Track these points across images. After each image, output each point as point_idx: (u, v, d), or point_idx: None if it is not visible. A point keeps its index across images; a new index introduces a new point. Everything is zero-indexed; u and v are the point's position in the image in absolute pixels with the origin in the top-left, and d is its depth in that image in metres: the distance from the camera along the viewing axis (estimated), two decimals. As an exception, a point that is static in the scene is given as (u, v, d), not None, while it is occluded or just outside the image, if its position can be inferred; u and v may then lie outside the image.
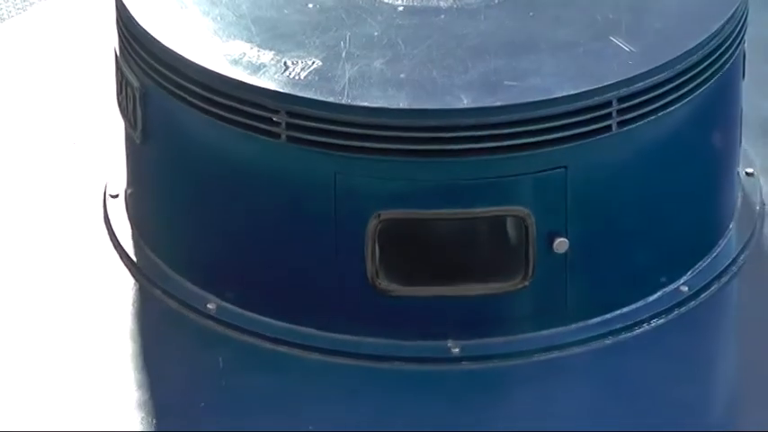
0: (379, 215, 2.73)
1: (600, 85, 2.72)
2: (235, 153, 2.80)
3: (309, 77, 2.73)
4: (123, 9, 2.87)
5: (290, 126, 2.72)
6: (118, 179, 3.04)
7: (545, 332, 2.83)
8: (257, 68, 2.75)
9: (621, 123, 2.73)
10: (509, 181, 2.75)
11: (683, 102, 2.79)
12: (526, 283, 2.78)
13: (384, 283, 2.77)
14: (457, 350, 2.79)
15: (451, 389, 2.80)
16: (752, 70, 2.93)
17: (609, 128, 2.73)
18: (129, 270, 2.97)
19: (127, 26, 2.87)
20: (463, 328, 2.81)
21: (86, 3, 3.32)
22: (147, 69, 2.84)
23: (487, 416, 2.77)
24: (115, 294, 2.95)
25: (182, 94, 2.80)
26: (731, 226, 2.97)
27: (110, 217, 3.03)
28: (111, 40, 2.93)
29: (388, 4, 2.86)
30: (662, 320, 2.86)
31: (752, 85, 2.95)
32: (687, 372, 2.88)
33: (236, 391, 2.81)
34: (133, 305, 2.95)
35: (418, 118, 2.72)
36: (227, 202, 2.87)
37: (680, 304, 2.87)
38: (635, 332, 2.84)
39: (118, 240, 3.00)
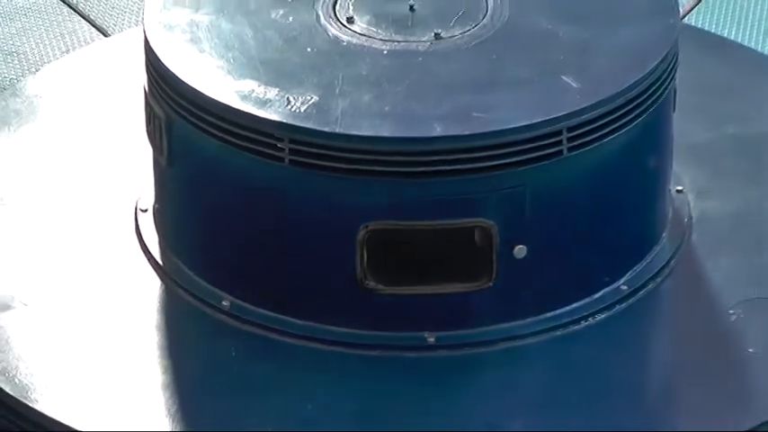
0: (366, 226, 2.73)
1: (552, 117, 2.71)
2: (245, 174, 2.80)
3: (308, 110, 2.72)
4: (151, 52, 2.86)
5: (292, 151, 2.71)
6: (147, 196, 3.03)
7: (506, 324, 2.82)
8: (264, 103, 2.74)
9: (571, 149, 2.72)
10: (476, 197, 2.74)
11: (624, 130, 2.78)
12: (491, 284, 2.77)
13: (371, 284, 2.77)
14: (432, 339, 2.79)
15: (428, 372, 2.79)
16: (681, 100, 2.92)
17: (560, 152, 2.72)
18: (156, 272, 2.96)
19: (154, 67, 2.86)
20: (438, 321, 2.81)
21: (120, 48, 3.31)
22: (171, 104, 2.83)
23: (458, 394, 2.76)
24: (144, 293, 2.95)
25: (201, 124, 2.79)
26: (664, 235, 2.95)
27: (140, 228, 3.02)
28: (140, 79, 2.92)
29: (374, 48, 2.85)
30: (605, 315, 2.85)
31: (681, 114, 2.94)
32: (627, 358, 2.88)
33: (246, 376, 2.81)
34: (159, 302, 2.95)
35: (399, 144, 2.72)
36: (239, 215, 2.86)
37: (620, 300, 2.87)
38: (582, 325, 2.84)
39: (147, 247, 2.99)
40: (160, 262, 2.97)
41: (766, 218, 3.06)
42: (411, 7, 2.92)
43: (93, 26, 3.57)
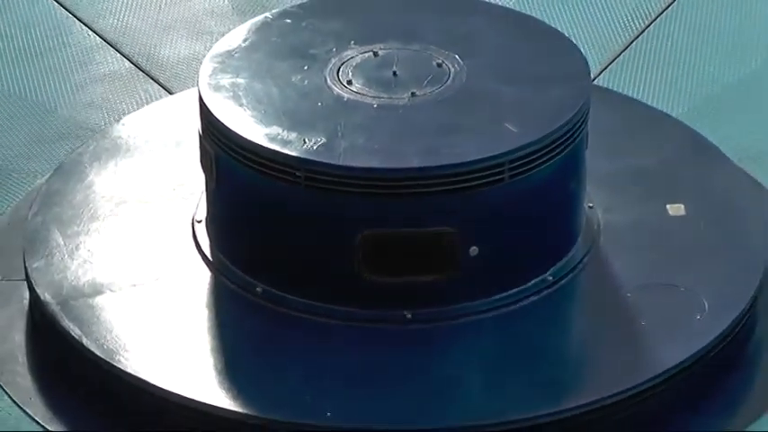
0: (363, 233, 2.73)
1: (497, 153, 2.72)
2: (272, 194, 2.79)
3: (319, 148, 2.72)
4: (204, 105, 2.86)
5: (306, 178, 2.71)
6: (201, 210, 3.01)
7: (464, 304, 2.81)
8: (286, 143, 2.74)
9: (511, 176, 2.72)
10: (443, 212, 2.74)
11: (550, 162, 2.77)
12: (453, 274, 2.77)
13: (366, 275, 2.77)
14: (409, 315, 2.79)
15: (406, 339, 2.80)
16: (592, 140, 2.90)
17: (503, 179, 2.72)
18: (207, 266, 2.94)
19: (206, 116, 2.86)
20: (414, 301, 2.81)
21: (182, 102, 3.29)
22: (218, 143, 2.83)
23: (427, 355, 2.77)
24: (199, 281, 2.93)
25: (240, 158, 2.78)
26: (579, 239, 2.93)
27: (196, 234, 3.00)
28: (196, 125, 2.92)
29: (367, 102, 2.83)
30: (535, 297, 2.84)
31: (592, 151, 2.92)
32: (551, 328, 2.87)
33: (272, 342, 2.81)
34: (210, 288, 2.93)
35: (386, 173, 2.72)
36: (267, 224, 2.85)
37: (547, 287, 2.86)
38: (518, 305, 2.83)
39: (200, 247, 2.97)
40: (210, 258, 2.94)
41: (654, 227, 3.02)
42: (394, 73, 2.90)
43: (161, 86, 3.57)
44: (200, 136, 2.91)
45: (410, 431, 2.66)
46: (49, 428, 2.75)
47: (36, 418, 2.77)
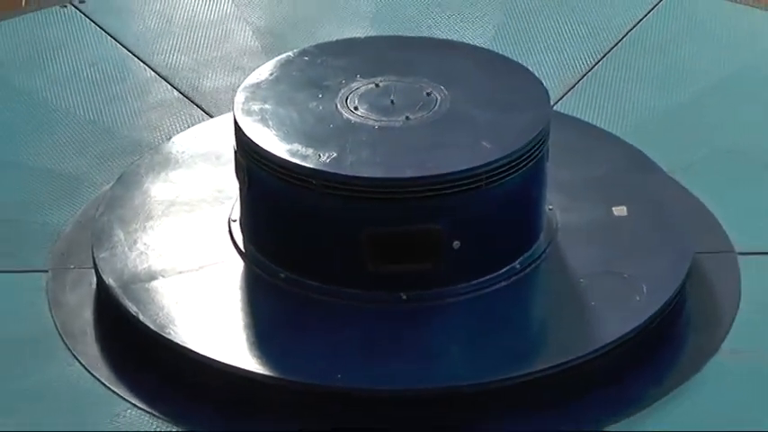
0: (367, 230, 2.74)
1: (476, 165, 2.72)
2: (293, 198, 2.79)
3: (331, 162, 2.73)
4: (238, 126, 2.85)
5: (321, 186, 2.71)
6: (236, 211, 3.00)
7: (449, 288, 2.81)
8: (304, 157, 2.74)
9: (487, 184, 2.72)
10: (432, 213, 2.73)
11: (518, 173, 2.77)
12: (440, 263, 2.77)
13: (369, 264, 2.76)
14: (405, 297, 2.79)
15: (402, 316, 2.79)
16: (553, 155, 2.89)
17: (480, 186, 2.72)
18: (241, 257, 2.93)
19: (239, 135, 2.85)
20: (409, 285, 2.80)
21: (220, 124, 3.26)
22: (249, 156, 2.83)
23: (420, 329, 2.78)
24: (234, 269, 2.92)
25: (266, 168, 2.78)
26: (541, 235, 2.92)
27: (231, 230, 2.98)
28: (231, 142, 2.91)
29: (370, 125, 2.83)
30: (506, 282, 2.83)
31: (553, 163, 2.91)
32: (518, 306, 2.87)
33: (294, 319, 2.82)
34: (243, 275, 2.91)
35: (386, 182, 2.72)
36: (288, 222, 2.85)
37: (515, 273, 2.85)
38: (493, 288, 2.82)
39: (235, 242, 2.96)
40: (243, 250, 2.93)
41: (602, 225, 3.00)
42: (392, 101, 2.89)
43: (204, 111, 3.56)
44: (234, 151, 2.91)
45: (406, 391, 2.65)
46: (112, 388, 2.74)
47: (102, 380, 2.77)
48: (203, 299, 2.86)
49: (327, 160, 2.75)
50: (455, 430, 2.65)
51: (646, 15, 3.85)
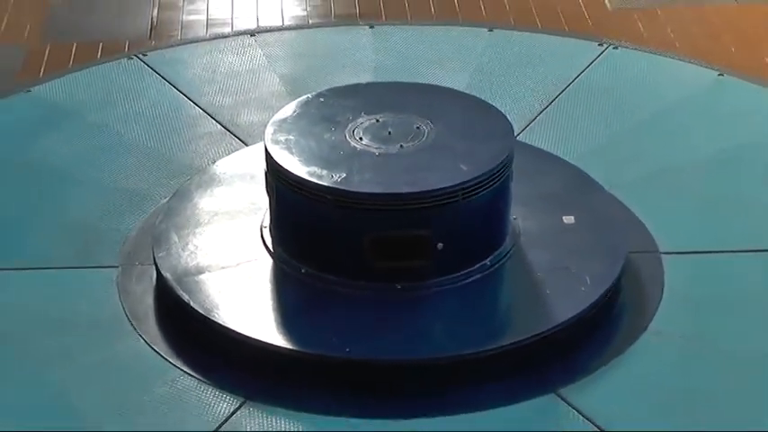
0: (370, 235, 2.73)
1: (455, 183, 2.72)
2: (311, 210, 2.78)
3: (341, 181, 2.73)
4: (267, 152, 2.84)
5: (334, 200, 2.71)
6: (266, 219, 2.98)
7: (434, 280, 2.79)
8: (321, 177, 2.74)
9: (464, 198, 2.72)
10: (421, 221, 2.73)
11: (488, 189, 2.76)
12: (427, 261, 2.76)
13: (372, 261, 2.75)
14: (400, 287, 2.78)
15: (396, 304, 2.77)
16: (516, 175, 2.88)
17: (458, 201, 2.72)
18: (270, 256, 2.91)
19: (269, 159, 2.84)
20: (403, 278, 2.79)
21: (255, 151, 3.20)
22: (276, 176, 2.82)
23: (410, 313, 2.76)
24: (264, 266, 2.89)
25: (290, 186, 2.78)
26: (507, 238, 2.91)
27: (263, 235, 2.96)
28: (263, 164, 2.89)
29: (372, 151, 2.82)
30: (479, 275, 2.82)
31: (516, 182, 2.89)
32: (490, 295, 2.86)
33: (311, 305, 2.80)
34: (271, 271, 2.89)
35: (385, 197, 2.73)
36: (307, 228, 2.84)
37: (487, 269, 2.83)
38: (469, 280, 2.81)
39: (266, 244, 2.93)
40: (272, 250, 2.91)
41: (555, 231, 2.98)
42: (389, 133, 2.88)
43: (241, 141, 3.53)
44: (265, 172, 2.90)
45: (400, 361, 2.65)
46: (169, 359, 2.74)
47: (160, 353, 2.76)
48: (240, 289, 2.85)
49: (338, 179, 2.74)
50: (439, 393, 2.64)
51: (587, 67, 3.82)
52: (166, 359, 2.75)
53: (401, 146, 2.85)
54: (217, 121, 3.63)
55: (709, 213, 3.20)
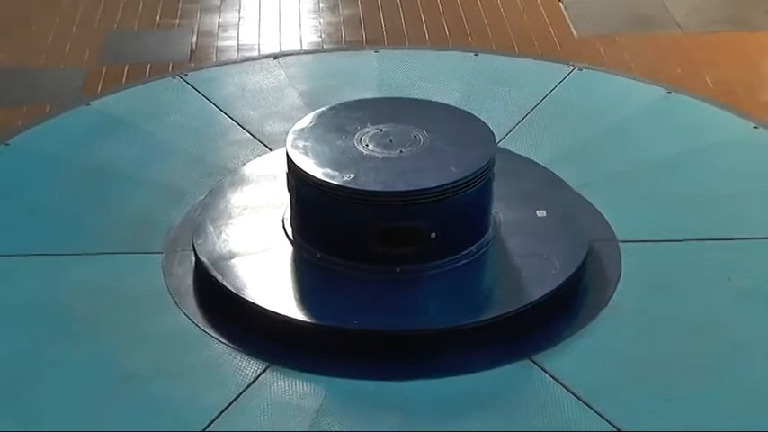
0: (374, 225, 2.72)
1: (446, 182, 2.71)
2: (324, 204, 2.76)
3: (351, 180, 2.72)
4: (288, 156, 2.83)
5: (345, 196, 2.70)
6: (287, 213, 2.96)
7: (428, 264, 2.77)
8: (333, 177, 2.73)
9: (453, 195, 2.70)
10: (417, 214, 2.71)
11: (474, 188, 2.74)
12: (422, 248, 2.74)
13: (377, 247, 2.74)
14: (399, 270, 2.76)
15: (396, 284, 2.75)
16: (497, 176, 2.86)
17: (449, 197, 2.71)
18: (290, 243, 2.89)
19: (289, 161, 2.83)
20: (403, 261, 2.77)
21: (277, 156, 3.15)
22: (296, 176, 2.81)
23: (409, 291, 2.75)
24: (285, 252, 2.88)
25: (307, 185, 2.77)
26: (490, 229, 2.88)
27: (285, 225, 2.94)
28: (284, 166, 2.88)
29: (376, 156, 2.81)
30: (466, 260, 2.80)
31: (497, 181, 2.86)
32: (476, 275, 2.84)
33: (325, 285, 2.78)
34: (292, 256, 2.87)
35: (387, 194, 2.71)
36: (323, 218, 2.82)
37: (473, 255, 2.81)
38: (457, 264, 2.78)
39: (287, 233, 2.92)
40: (292, 239, 2.90)
41: (529, 223, 2.95)
42: (390, 141, 2.87)
43: (266, 147, 3.47)
44: (286, 173, 2.89)
45: (398, 331, 2.64)
46: (205, 330, 2.72)
47: (198, 324, 2.74)
48: (265, 271, 2.84)
49: (348, 179, 2.73)
50: (431, 358, 2.62)
51: (557, 85, 3.77)
52: (203, 329, 2.74)
53: (401, 151, 2.84)
54: (246, 130, 3.59)
55: (658, 208, 3.18)
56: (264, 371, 2.61)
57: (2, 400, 2.53)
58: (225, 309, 2.78)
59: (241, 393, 2.54)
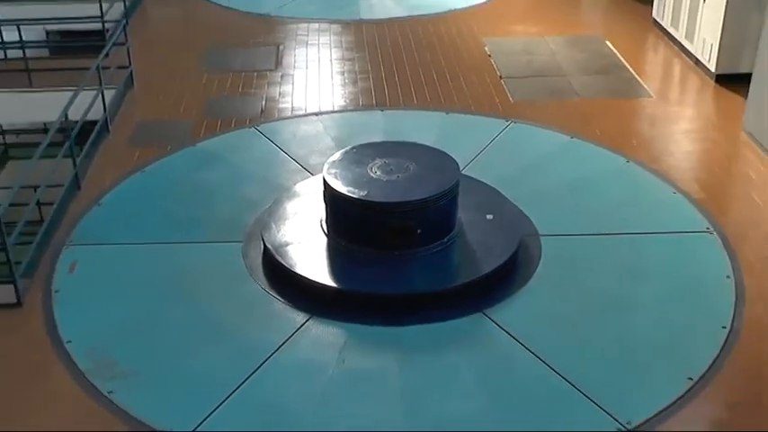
0: (381, 224, 2.69)
1: (428, 196, 2.69)
2: (347, 210, 2.73)
3: (365, 194, 2.70)
4: (325, 179, 2.80)
5: (361, 205, 2.69)
6: (323, 216, 2.89)
7: (417, 249, 2.73)
8: (354, 192, 2.73)
9: (434, 204, 2.70)
10: (409, 217, 2.70)
11: (446, 200, 2.70)
12: (412, 239, 2.71)
13: (383, 239, 2.71)
14: (397, 253, 2.74)
15: (395, 261, 2.72)
16: (462, 190, 2.79)
17: (429, 205, 2.69)
18: (326, 236, 2.85)
19: (325, 183, 2.80)
20: (399, 248, 2.74)
21: (317, 180, 3.06)
22: (329, 191, 2.77)
23: (405, 268, 2.71)
24: (322, 242, 2.83)
25: (337, 197, 2.74)
26: (455, 227, 2.83)
27: (322, 225, 2.90)
28: (321, 186, 2.85)
29: (381, 179, 2.79)
30: (441, 247, 2.77)
31: (461, 197, 2.81)
32: (451, 257, 2.78)
33: (348, 265, 2.74)
34: (326, 245, 2.82)
35: (391, 204, 2.69)
36: (347, 221, 2.78)
37: (445, 243, 2.76)
38: (435, 249, 2.76)
39: (323, 229, 2.87)
40: (326, 233, 2.86)
41: (482, 223, 2.91)
42: (391, 169, 2.85)
43: (309, 173, 3.36)
44: (323, 190, 2.86)
45: (396, 294, 2.61)
46: (272, 293, 2.69)
47: (268, 291, 2.72)
48: (309, 254, 2.82)
49: (364, 194, 2.73)
50: (424, 312, 2.58)
51: (500, 133, 3.73)
52: (268, 293, 2.73)
53: (398, 176, 2.84)
54: (297, 162, 3.58)
55: (566, 213, 3.18)
56: (308, 320, 2.62)
57: (133, 340, 2.55)
58: (282, 279, 2.78)
59: (293, 334, 2.56)
